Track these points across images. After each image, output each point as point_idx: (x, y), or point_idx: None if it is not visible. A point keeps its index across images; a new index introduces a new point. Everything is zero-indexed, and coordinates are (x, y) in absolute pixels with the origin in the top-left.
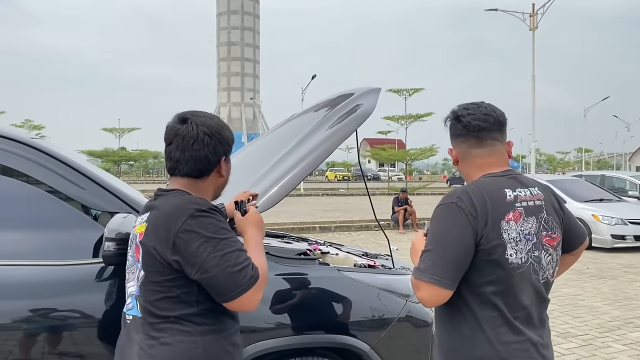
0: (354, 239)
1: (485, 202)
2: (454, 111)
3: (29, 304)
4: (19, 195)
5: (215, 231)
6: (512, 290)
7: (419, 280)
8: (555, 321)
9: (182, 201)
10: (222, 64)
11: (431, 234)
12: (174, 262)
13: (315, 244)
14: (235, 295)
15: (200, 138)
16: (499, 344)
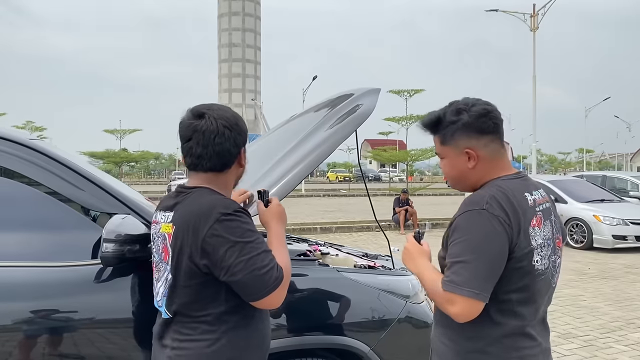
0: (355, 239)
1: (515, 209)
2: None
3: (29, 306)
4: (17, 197)
5: (241, 234)
6: (534, 297)
7: (456, 294)
8: (557, 322)
9: (208, 203)
10: (223, 65)
11: (464, 243)
12: (203, 266)
13: (316, 244)
14: (262, 296)
15: (221, 132)
16: (514, 350)
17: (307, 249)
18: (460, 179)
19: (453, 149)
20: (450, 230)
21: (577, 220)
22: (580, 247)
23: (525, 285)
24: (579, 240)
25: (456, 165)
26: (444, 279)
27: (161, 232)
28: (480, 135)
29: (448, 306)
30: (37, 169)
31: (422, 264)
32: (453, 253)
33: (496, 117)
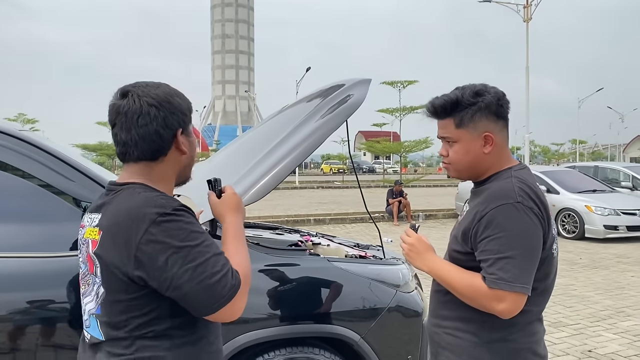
0: (349, 231)
1: (542, 200)
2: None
3: (23, 296)
4: (8, 188)
5: (184, 238)
6: (550, 283)
7: (506, 291)
8: (548, 311)
9: (140, 202)
10: (216, 56)
11: (505, 239)
12: (137, 278)
13: (308, 235)
14: (216, 309)
15: (145, 111)
16: (531, 335)
17: (298, 239)
18: (472, 165)
19: (470, 132)
20: (481, 225)
21: (569, 211)
22: (572, 237)
23: (546, 273)
24: (571, 230)
25: (471, 149)
26: (490, 277)
27: (84, 238)
28: (497, 119)
29: (494, 304)
30: (28, 160)
31: (434, 259)
32: (493, 249)
33: (509, 103)
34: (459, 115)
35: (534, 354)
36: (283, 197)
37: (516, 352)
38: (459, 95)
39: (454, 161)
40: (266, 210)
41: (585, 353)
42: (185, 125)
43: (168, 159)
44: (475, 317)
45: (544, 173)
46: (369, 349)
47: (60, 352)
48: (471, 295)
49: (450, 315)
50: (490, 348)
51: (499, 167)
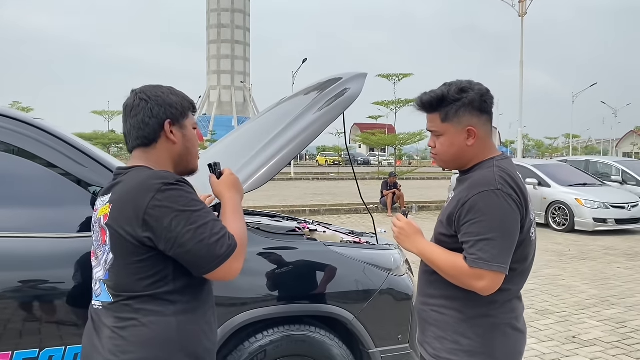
0: (343, 221)
1: (520, 187)
2: (476, 85)
3: (36, 274)
4: (26, 173)
5: (186, 204)
6: (529, 264)
7: (484, 270)
8: (535, 299)
9: (147, 176)
10: (212, 46)
11: (485, 222)
12: (146, 239)
13: (304, 222)
14: (214, 266)
15: (136, 104)
16: (512, 311)
17: (296, 226)
18: (456, 157)
19: (455, 125)
20: (463, 210)
21: (560, 204)
22: (562, 229)
23: (525, 255)
24: (561, 223)
25: (455, 142)
26: (470, 257)
27: (97, 217)
28: (481, 113)
29: (475, 282)
30: (45, 147)
31: (422, 241)
32: (473, 232)
33: (493, 99)
34: (445, 110)
35: (513, 329)
36: (279, 188)
37: (496, 326)
38: (445, 92)
39: (440, 152)
40: (262, 201)
41: (569, 339)
42: (175, 117)
43: (160, 147)
44: (459, 295)
45: (536, 166)
46: (362, 328)
47: (68, 325)
48: (454, 274)
49: (437, 294)
50: (472, 323)
51: (483, 158)
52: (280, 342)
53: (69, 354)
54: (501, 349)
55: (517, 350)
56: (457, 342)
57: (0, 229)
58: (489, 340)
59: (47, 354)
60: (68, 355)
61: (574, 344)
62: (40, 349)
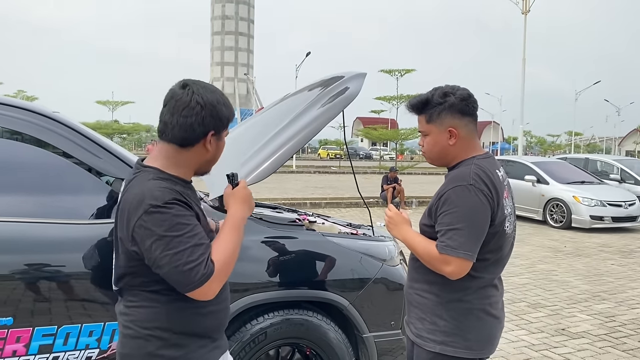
0: (343, 214)
1: (494, 183)
2: (458, 90)
3: (54, 257)
4: (46, 163)
5: (168, 228)
6: (503, 256)
7: (451, 256)
8: (528, 293)
9: (143, 192)
10: (215, 37)
11: (456, 214)
12: (133, 252)
13: (304, 214)
14: (187, 290)
15: (191, 106)
16: (486, 298)
17: (296, 217)
18: (440, 155)
19: (437, 126)
20: (440, 202)
21: (557, 201)
22: (559, 226)
23: (499, 246)
24: (559, 220)
25: (438, 141)
26: (440, 244)
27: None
28: (462, 116)
29: (443, 266)
30: (61, 139)
31: (407, 230)
32: (445, 222)
33: (475, 102)
34: (429, 113)
35: (487, 314)
36: (280, 181)
37: (470, 311)
38: (429, 96)
39: (426, 150)
40: (263, 193)
41: (559, 331)
42: (218, 130)
43: (194, 151)
44: (438, 280)
45: (535, 164)
46: (357, 314)
47: (86, 303)
48: (427, 259)
49: (420, 279)
50: (447, 307)
51: (465, 156)
52: (279, 325)
53: (84, 331)
54: (474, 332)
55: (491, 334)
56: (434, 323)
57: (21, 215)
58: (462, 323)
59: (64, 330)
60: (84, 332)
61: (562, 336)
62: (59, 325)
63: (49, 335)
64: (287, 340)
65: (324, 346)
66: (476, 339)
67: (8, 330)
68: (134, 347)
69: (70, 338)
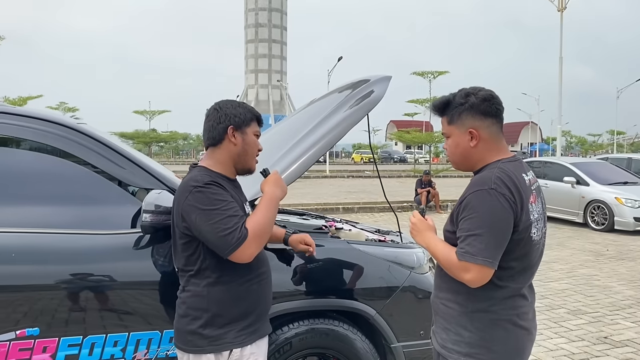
0: (376, 219)
1: (518, 188)
2: (481, 90)
3: (79, 267)
4: (70, 174)
5: (207, 203)
6: (531, 264)
7: (470, 263)
8: (568, 299)
9: (189, 179)
10: (249, 45)
11: (476, 219)
12: (184, 227)
13: (332, 221)
14: (228, 253)
15: (210, 114)
16: (512, 309)
17: (323, 224)
18: (463, 157)
19: (458, 127)
20: (461, 208)
21: (599, 203)
22: (601, 229)
23: (524, 254)
24: (600, 222)
25: (460, 143)
26: (459, 250)
27: None
28: (484, 117)
29: (463, 274)
30: (87, 151)
31: (430, 237)
32: (465, 227)
33: (498, 104)
34: (450, 114)
35: (515, 325)
36: (313, 186)
37: (495, 321)
38: (451, 98)
39: (449, 153)
40: (296, 199)
41: (601, 339)
42: (238, 124)
43: (224, 147)
44: (462, 290)
45: (574, 164)
46: (384, 323)
47: (111, 314)
48: (448, 266)
49: (445, 287)
50: (472, 317)
51: (490, 159)
52: (305, 335)
53: (109, 341)
54: (501, 344)
55: (519, 346)
56: (459, 334)
57: (49, 226)
58: (488, 334)
59: (89, 340)
60: (109, 343)
61: (605, 345)
62: (84, 336)
63: (74, 345)
64: (313, 350)
65: (351, 356)
66: (503, 352)
67: (35, 341)
68: (182, 323)
69: (96, 348)
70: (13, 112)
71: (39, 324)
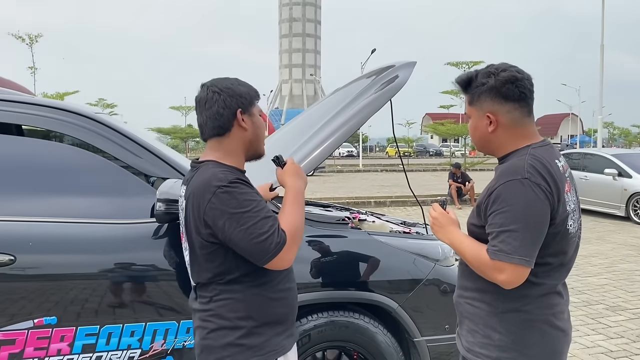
0: (409, 213)
1: (553, 176)
2: (504, 70)
3: (96, 257)
4: (91, 165)
5: (237, 205)
6: (567, 259)
7: (505, 262)
8: (607, 295)
9: (208, 178)
10: (283, 40)
11: (509, 213)
12: (208, 235)
13: (357, 213)
14: (265, 261)
15: (209, 97)
16: (548, 307)
17: (345, 215)
18: (482, 142)
19: (477, 110)
20: (490, 200)
21: None
22: None
23: (561, 248)
24: None
25: (478, 127)
26: (491, 248)
27: (183, 206)
28: (505, 101)
29: (496, 274)
30: (108, 142)
31: (454, 232)
32: (497, 222)
33: (523, 86)
34: (471, 94)
35: (551, 326)
36: (346, 180)
37: (530, 322)
38: (473, 75)
39: (470, 135)
40: (328, 192)
41: None
42: (245, 106)
43: (233, 135)
44: (490, 288)
45: (616, 156)
46: (407, 317)
47: (128, 304)
48: (477, 265)
49: (470, 286)
50: (503, 318)
51: (515, 146)
52: (324, 327)
53: (126, 331)
54: (535, 348)
55: (555, 349)
56: (488, 337)
57: (62, 215)
58: (521, 337)
59: (106, 330)
60: (125, 333)
61: None
62: (101, 325)
63: (91, 334)
64: (333, 343)
65: (372, 350)
66: (537, 355)
67: (52, 329)
68: (214, 338)
69: (113, 338)
70: (34, 102)
71: (56, 312)
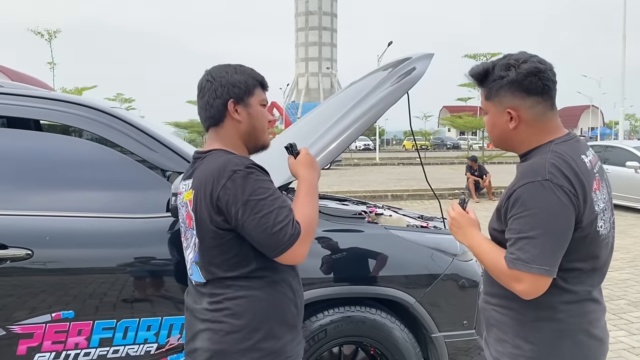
0: (426, 207)
1: (578, 175)
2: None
3: (113, 252)
4: (108, 160)
5: (252, 192)
6: (600, 263)
7: (523, 272)
8: (629, 290)
9: (221, 163)
10: (299, 34)
11: (528, 218)
12: (221, 222)
13: (374, 207)
14: (278, 253)
15: (202, 86)
16: (582, 316)
17: (362, 209)
18: (501, 139)
19: (496, 105)
20: (509, 203)
21: None
22: None
23: (591, 252)
24: None
25: (497, 123)
26: (509, 256)
27: (184, 201)
28: (527, 95)
29: (514, 283)
30: (124, 137)
31: (473, 234)
32: (516, 228)
33: (547, 78)
34: (488, 88)
35: (587, 336)
36: (363, 173)
37: (564, 332)
38: (489, 67)
39: (488, 132)
40: (345, 186)
41: None
42: (239, 96)
43: (227, 125)
44: (516, 295)
45: (638, 148)
46: (424, 312)
47: (144, 298)
48: (495, 272)
49: (497, 293)
50: (533, 327)
51: (538, 142)
52: (340, 322)
53: (142, 326)
54: (570, 358)
55: None
56: (518, 347)
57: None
58: (555, 347)
59: (123, 324)
60: (142, 327)
61: None
62: (117, 319)
63: (108, 328)
64: (349, 339)
65: (389, 345)
66: None
67: (70, 323)
68: (230, 342)
69: (129, 332)
70: (51, 97)
71: (73, 306)
